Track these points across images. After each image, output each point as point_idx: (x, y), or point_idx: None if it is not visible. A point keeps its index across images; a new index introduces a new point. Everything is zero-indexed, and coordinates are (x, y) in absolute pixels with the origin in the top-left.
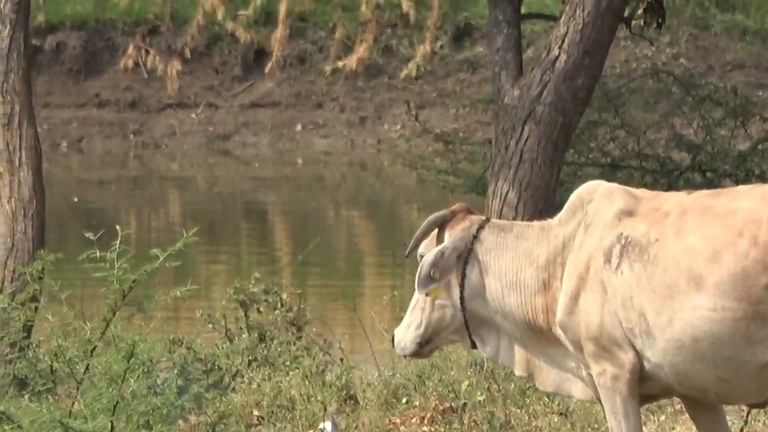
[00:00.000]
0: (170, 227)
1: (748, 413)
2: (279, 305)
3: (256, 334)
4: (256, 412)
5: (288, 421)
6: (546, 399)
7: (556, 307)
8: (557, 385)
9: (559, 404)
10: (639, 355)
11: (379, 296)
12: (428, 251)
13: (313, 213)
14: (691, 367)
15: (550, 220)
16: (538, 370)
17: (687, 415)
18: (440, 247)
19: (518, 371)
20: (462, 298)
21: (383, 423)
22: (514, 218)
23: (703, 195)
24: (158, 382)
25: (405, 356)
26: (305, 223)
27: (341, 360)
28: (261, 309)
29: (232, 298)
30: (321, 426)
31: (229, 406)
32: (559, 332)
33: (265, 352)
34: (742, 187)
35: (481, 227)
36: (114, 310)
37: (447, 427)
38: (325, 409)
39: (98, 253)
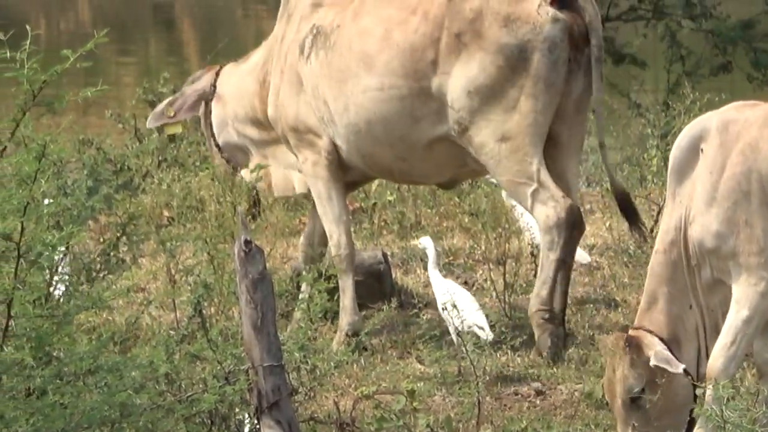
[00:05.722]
0: (80, 28)
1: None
2: None
3: (165, 135)
4: (166, 213)
5: (198, 221)
6: (456, 199)
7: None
8: (284, 188)
9: (470, 204)
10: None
11: None
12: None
13: (221, 14)
14: (371, 149)
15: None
16: (274, 178)
17: (597, 215)
18: (184, 88)
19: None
20: (213, 134)
21: (293, 223)
22: None
23: None
24: (68, 182)
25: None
26: (214, 25)
27: None
28: None
29: (142, 98)
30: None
31: (139, 207)
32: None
33: (175, 152)
34: None
35: (222, 67)
36: (24, 110)
37: (357, 226)
38: (235, 210)
39: (8, 53)
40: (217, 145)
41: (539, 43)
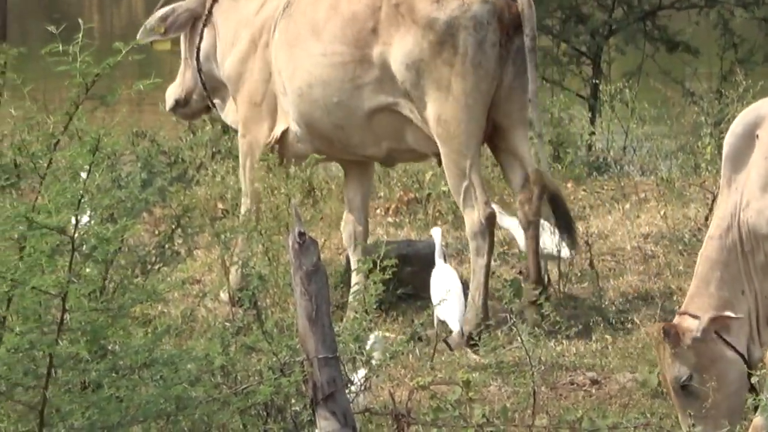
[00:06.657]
0: (134, 21)
1: None
2: None
3: (219, 126)
4: (220, 205)
5: (252, 212)
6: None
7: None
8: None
9: None
10: (282, 120)
11: None
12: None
13: None
14: (310, 114)
15: None
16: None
17: (651, 203)
18: (176, 4)
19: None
20: (198, 58)
21: None
22: None
23: None
24: (122, 175)
25: (170, 112)
26: None
27: None
28: None
29: None
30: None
31: (193, 199)
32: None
33: (229, 144)
34: None
35: None
36: (77, 103)
37: (412, 217)
38: (289, 201)
39: (61, 47)
40: (200, 70)
41: (466, 20)
